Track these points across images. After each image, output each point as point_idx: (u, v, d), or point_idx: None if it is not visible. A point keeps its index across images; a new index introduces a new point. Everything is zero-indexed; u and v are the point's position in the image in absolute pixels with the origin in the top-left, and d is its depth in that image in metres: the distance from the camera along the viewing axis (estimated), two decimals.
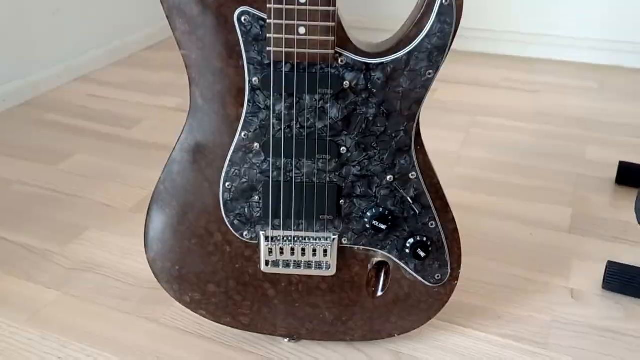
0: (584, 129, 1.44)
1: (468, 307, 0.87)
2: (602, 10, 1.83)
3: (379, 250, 0.71)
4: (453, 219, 0.71)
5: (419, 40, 0.61)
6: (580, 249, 1.00)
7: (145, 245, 0.73)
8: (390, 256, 0.72)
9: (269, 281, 0.74)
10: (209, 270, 0.73)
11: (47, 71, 1.66)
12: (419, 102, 0.65)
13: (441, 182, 0.70)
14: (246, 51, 0.62)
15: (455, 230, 0.72)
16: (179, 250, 0.73)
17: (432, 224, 0.70)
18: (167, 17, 0.62)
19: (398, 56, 0.62)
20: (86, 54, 1.78)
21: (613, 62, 1.86)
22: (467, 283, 0.91)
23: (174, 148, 0.69)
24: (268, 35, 0.60)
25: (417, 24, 0.61)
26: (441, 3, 0.59)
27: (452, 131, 1.42)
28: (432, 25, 0.60)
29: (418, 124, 0.66)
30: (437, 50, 0.62)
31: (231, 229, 0.71)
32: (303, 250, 0.70)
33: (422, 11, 0.60)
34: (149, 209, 0.72)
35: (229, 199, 0.69)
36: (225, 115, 0.66)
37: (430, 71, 0.63)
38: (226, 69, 0.63)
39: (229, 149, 0.67)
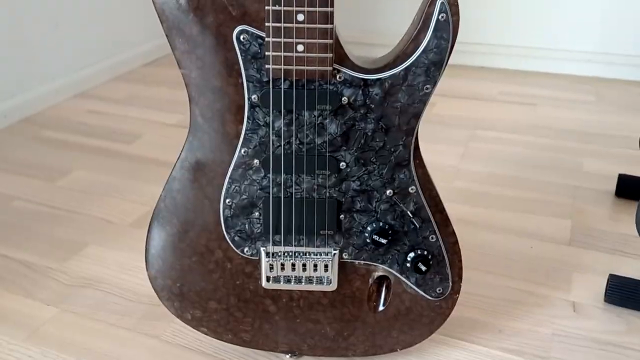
0: (581, 141, 1.45)
1: (469, 321, 0.87)
2: (597, 24, 1.85)
3: (380, 265, 0.71)
4: (453, 232, 0.71)
5: (416, 55, 0.62)
6: (580, 262, 1.00)
7: (146, 263, 0.73)
8: (391, 270, 0.72)
9: (270, 297, 0.74)
10: (210, 288, 0.73)
11: (47, 87, 1.66)
12: (417, 116, 0.65)
13: (440, 196, 0.70)
14: (245, 69, 0.62)
15: (456, 243, 0.72)
16: (180, 268, 0.73)
17: (432, 238, 0.70)
18: (166, 36, 0.63)
19: (396, 72, 0.63)
20: (86, 69, 1.79)
21: (609, 74, 1.87)
22: (467, 297, 0.91)
23: (174, 166, 0.69)
24: (267, 53, 0.61)
25: (414, 39, 0.62)
26: (437, 19, 0.60)
27: (451, 145, 1.42)
28: (429, 41, 0.61)
29: (417, 138, 0.67)
30: (434, 66, 0.62)
31: (232, 245, 0.71)
32: (304, 265, 0.70)
33: (418, 27, 0.61)
34: (149, 226, 0.72)
35: (229, 215, 0.69)
36: (225, 133, 0.66)
37: (428, 86, 0.63)
38: (225, 87, 0.64)
39: (229, 166, 0.67)
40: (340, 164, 0.66)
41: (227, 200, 0.69)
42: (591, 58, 1.88)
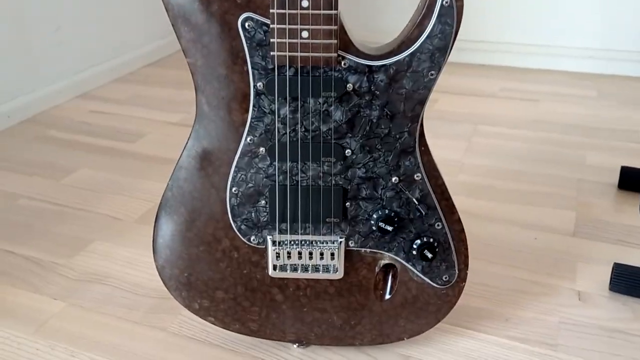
0: (583, 135, 1.45)
1: (475, 310, 0.87)
2: (597, 20, 1.86)
3: (386, 253, 0.72)
4: (459, 219, 0.71)
5: (421, 41, 0.62)
6: (585, 252, 1.01)
7: (154, 253, 0.74)
8: (397, 258, 0.72)
9: (277, 286, 0.74)
10: (217, 277, 0.74)
11: (50, 88, 1.67)
12: (422, 103, 0.65)
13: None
14: (250, 56, 0.63)
15: (462, 231, 0.72)
16: (188, 257, 0.73)
17: (438, 225, 0.70)
18: (172, 25, 0.63)
19: (400, 58, 0.63)
20: (88, 70, 1.80)
21: (609, 70, 1.88)
22: (474, 287, 0.92)
23: (181, 155, 0.69)
24: (272, 40, 0.61)
25: (418, 25, 0.62)
26: (442, 4, 0.60)
27: (455, 140, 1.43)
28: (434, 27, 0.61)
29: (422, 125, 0.67)
30: (439, 51, 0.62)
31: (238, 234, 0.71)
32: (310, 253, 0.71)
33: (423, 13, 0.61)
34: (157, 216, 0.72)
35: (235, 204, 0.70)
36: (230, 121, 0.67)
37: (433, 72, 0.63)
38: (231, 75, 0.64)
39: (235, 154, 0.68)
40: (346, 151, 0.67)
41: (234, 189, 0.69)
42: (592, 54, 1.88)
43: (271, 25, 0.61)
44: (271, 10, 0.60)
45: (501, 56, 1.98)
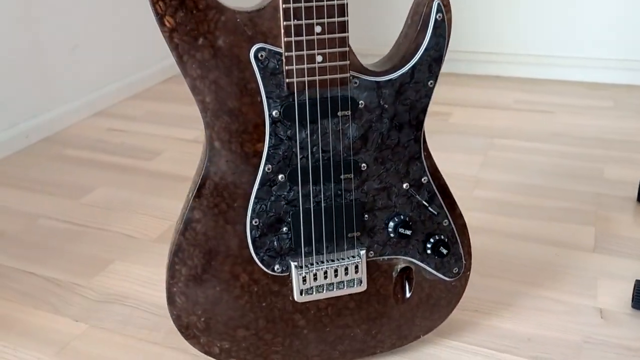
0: (600, 147, 1.44)
1: (499, 330, 0.87)
2: (612, 31, 1.85)
3: (402, 257, 0.74)
4: (461, 214, 0.75)
5: (420, 54, 0.66)
6: (606, 268, 1.00)
7: (169, 303, 0.71)
8: (413, 260, 0.75)
9: (299, 312, 0.74)
10: (237, 315, 0.72)
11: (67, 107, 1.69)
12: (424, 110, 0.69)
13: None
14: (264, 86, 0.63)
15: (464, 224, 0.76)
16: (205, 301, 0.71)
17: (445, 222, 0.74)
18: (178, 63, 0.62)
19: (404, 71, 0.67)
20: (103, 89, 1.82)
21: (626, 80, 1.87)
22: (495, 306, 0.91)
23: (191, 196, 0.67)
24: (287, 68, 0.62)
25: (415, 39, 0.66)
26: (435, 19, 0.65)
27: (470, 154, 1.42)
28: (430, 40, 0.66)
29: (424, 131, 0.70)
30: (435, 62, 0.67)
31: (261, 265, 0.70)
32: (335, 271, 0.71)
33: (419, 27, 0.65)
34: (169, 263, 0.69)
35: (257, 235, 0.69)
36: (243, 153, 0.66)
37: (432, 81, 0.68)
38: (242, 107, 0.63)
39: (253, 185, 0.67)
40: (362, 166, 0.69)
41: (254, 221, 0.68)
42: (607, 64, 1.87)
43: (286, 53, 0.61)
44: (286, 39, 0.60)
45: (515, 67, 1.98)
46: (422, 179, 0.71)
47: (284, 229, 0.69)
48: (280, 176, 0.67)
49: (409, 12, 0.67)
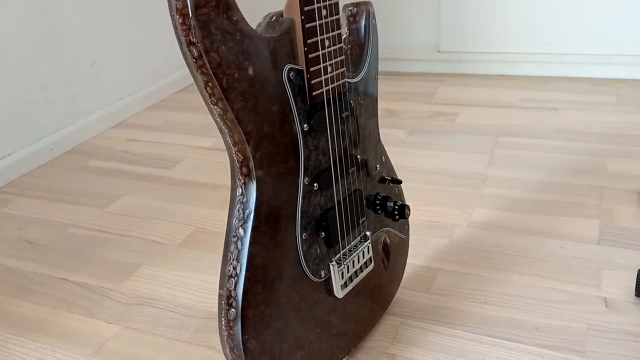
0: (604, 142, 1.48)
1: (506, 320, 0.92)
2: (614, 26, 1.88)
3: (384, 228, 0.86)
4: (400, 180, 0.87)
5: (369, 55, 0.79)
6: (610, 259, 1.04)
7: (245, 351, 0.65)
8: (389, 228, 0.87)
9: (334, 311, 0.77)
10: (292, 339, 0.71)
11: (89, 119, 1.76)
12: (377, 100, 0.82)
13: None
14: (295, 103, 0.66)
15: (400, 188, 0.90)
16: (271, 337, 0.68)
17: (397, 190, 0.89)
18: (222, 99, 0.60)
19: (365, 71, 0.78)
20: (123, 100, 1.89)
21: (629, 75, 1.90)
22: (503, 297, 0.96)
23: (241, 236, 0.64)
24: (313, 81, 0.67)
25: (364, 44, 0.79)
26: (373, 24, 0.79)
27: (477, 153, 1.47)
28: (372, 42, 0.79)
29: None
30: (375, 60, 0.80)
31: (311, 276, 0.71)
32: (358, 257, 0.79)
33: (365, 31, 0.78)
34: (242, 318, 0.63)
35: (306, 248, 0.70)
36: (284, 172, 0.67)
37: (376, 75, 0.81)
38: (280, 128, 0.65)
39: (297, 201, 0.68)
40: (357, 157, 0.77)
41: (303, 235, 0.69)
42: (609, 60, 1.91)
43: (311, 68, 0.66)
44: (311, 55, 0.65)
45: (519, 66, 2.01)
46: (382, 158, 0.84)
47: (322, 234, 0.72)
48: (314, 185, 0.70)
49: (346, 22, 0.79)
